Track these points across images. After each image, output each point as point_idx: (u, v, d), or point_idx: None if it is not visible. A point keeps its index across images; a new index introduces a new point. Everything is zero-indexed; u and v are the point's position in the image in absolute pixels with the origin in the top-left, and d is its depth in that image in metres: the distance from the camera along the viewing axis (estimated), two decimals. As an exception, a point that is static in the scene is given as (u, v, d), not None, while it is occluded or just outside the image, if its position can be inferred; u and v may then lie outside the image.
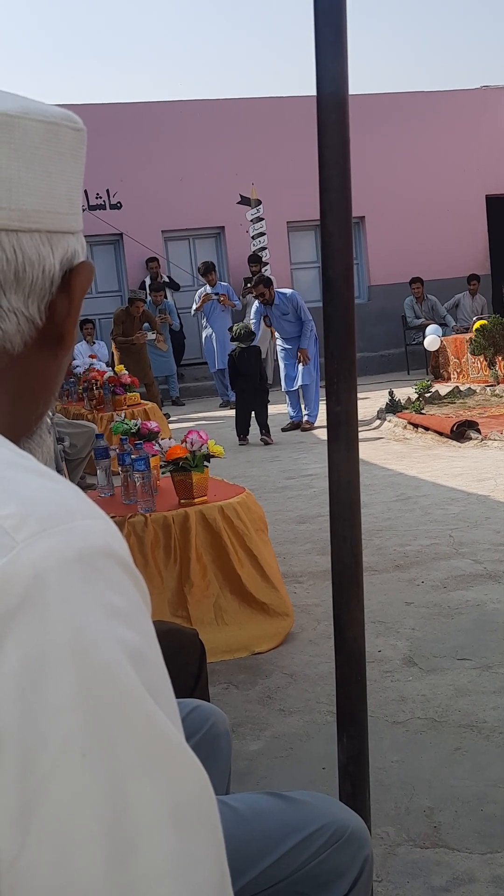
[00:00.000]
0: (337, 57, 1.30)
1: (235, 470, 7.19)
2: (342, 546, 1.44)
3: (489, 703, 2.75)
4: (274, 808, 1.19)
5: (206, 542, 3.44)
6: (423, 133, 15.02)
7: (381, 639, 3.37)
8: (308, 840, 1.15)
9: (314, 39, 1.30)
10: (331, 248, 1.37)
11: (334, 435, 1.41)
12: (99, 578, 0.52)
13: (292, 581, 4.13)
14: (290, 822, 1.17)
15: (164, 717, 0.52)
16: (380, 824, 2.15)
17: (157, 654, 0.55)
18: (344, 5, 1.28)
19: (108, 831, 0.48)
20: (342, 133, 1.33)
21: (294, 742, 2.63)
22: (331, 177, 1.34)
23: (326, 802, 1.23)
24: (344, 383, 1.39)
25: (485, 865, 1.96)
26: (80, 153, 0.71)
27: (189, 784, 0.53)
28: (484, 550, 4.37)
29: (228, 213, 14.12)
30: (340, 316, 1.38)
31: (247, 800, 1.22)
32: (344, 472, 1.42)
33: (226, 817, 1.18)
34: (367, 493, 5.96)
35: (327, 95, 1.32)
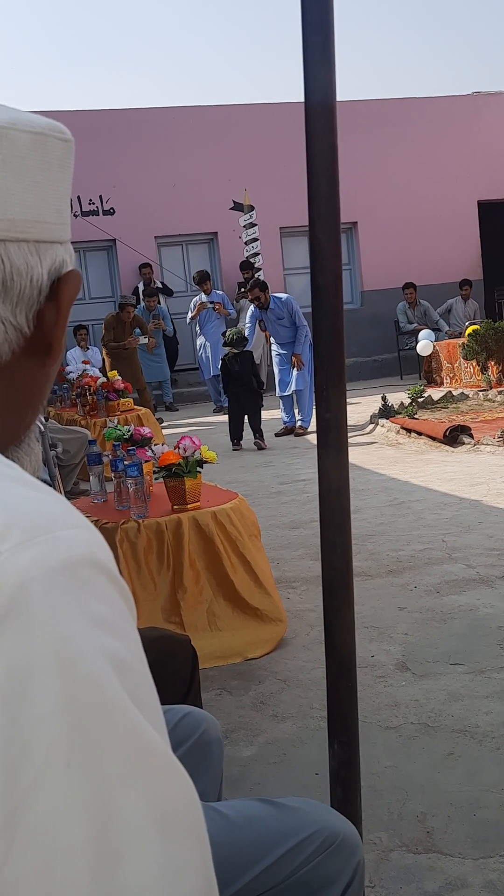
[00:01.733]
0: (325, 65, 1.31)
1: (229, 475, 7.19)
2: (333, 552, 1.44)
3: (482, 707, 2.76)
4: (265, 814, 1.20)
5: (199, 547, 3.43)
6: (416, 139, 15.06)
7: (374, 644, 3.37)
8: (299, 846, 1.16)
9: (302, 48, 1.31)
10: (320, 255, 1.37)
11: (324, 441, 1.42)
12: (83, 588, 0.52)
13: (285, 586, 4.14)
14: (282, 829, 1.17)
15: (149, 726, 0.52)
16: (372, 830, 2.15)
17: (143, 664, 0.55)
18: (331, 14, 1.29)
19: (93, 841, 0.48)
20: (330, 140, 1.34)
21: (287, 748, 2.63)
22: (319, 184, 1.35)
23: (318, 809, 1.23)
24: (333, 389, 1.40)
25: (477, 871, 1.96)
26: (68, 163, 0.71)
27: (174, 793, 0.53)
28: (477, 555, 4.38)
29: (221, 219, 14.14)
30: (330, 322, 1.38)
31: (238, 806, 1.22)
32: (334, 479, 1.43)
33: (217, 824, 1.18)
34: (360, 498, 5.97)
35: (315, 103, 1.33)
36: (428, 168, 15.13)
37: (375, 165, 14.79)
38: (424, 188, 15.10)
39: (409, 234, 15.03)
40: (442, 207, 15.17)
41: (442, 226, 15.18)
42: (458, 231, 15.37)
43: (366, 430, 9.09)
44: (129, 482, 3.49)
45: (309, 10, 1.29)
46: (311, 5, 1.28)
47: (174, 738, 1.45)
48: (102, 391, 7.94)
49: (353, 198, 14.60)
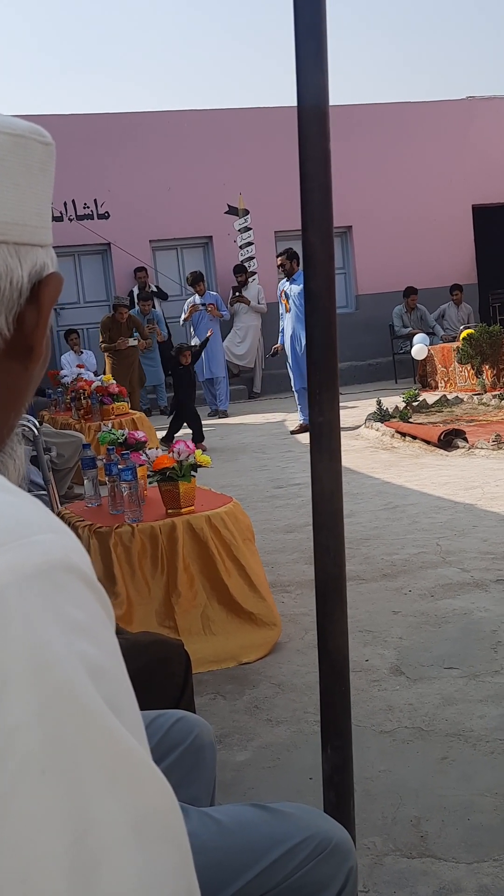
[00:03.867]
0: (318, 70, 1.31)
1: (224, 479, 7.19)
2: (326, 556, 1.44)
3: (476, 711, 2.76)
4: (258, 819, 1.19)
5: (193, 551, 3.43)
6: (410, 143, 15.10)
7: (368, 648, 3.37)
8: (292, 852, 1.15)
9: (295, 53, 1.31)
10: (313, 260, 1.38)
11: (317, 446, 1.42)
12: (58, 593, 0.52)
13: (280, 590, 4.13)
14: (274, 834, 1.17)
15: (127, 732, 0.52)
16: (366, 834, 2.15)
17: (121, 669, 0.55)
18: (324, 20, 1.29)
19: (70, 849, 0.48)
20: (323, 145, 1.34)
21: (281, 752, 2.63)
22: (312, 189, 1.35)
23: (310, 814, 1.23)
24: (326, 394, 1.40)
25: (471, 875, 1.96)
26: (49, 167, 0.71)
27: (153, 799, 0.52)
28: (471, 559, 4.38)
29: (216, 223, 14.16)
30: (323, 327, 1.38)
31: (231, 812, 1.22)
32: (327, 483, 1.43)
33: (210, 829, 1.18)
34: (354, 501, 5.97)
35: (308, 108, 1.33)
36: (422, 172, 15.16)
37: (370, 170, 14.82)
38: (419, 192, 15.13)
39: (403, 238, 15.06)
40: (436, 211, 15.21)
41: (436, 230, 15.21)
42: (452, 235, 15.40)
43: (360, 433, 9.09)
44: (124, 486, 3.49)
45: (302, 16, 1.29)
46: (304, 11, 1.29)
47: (166, 743, 1.45)
48: (97, 395, 7.94)
49: (348, 202, 14.63)
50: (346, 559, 4.67)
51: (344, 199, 14.52)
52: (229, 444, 9.45)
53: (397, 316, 13.84)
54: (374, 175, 14.87)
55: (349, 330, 14.74)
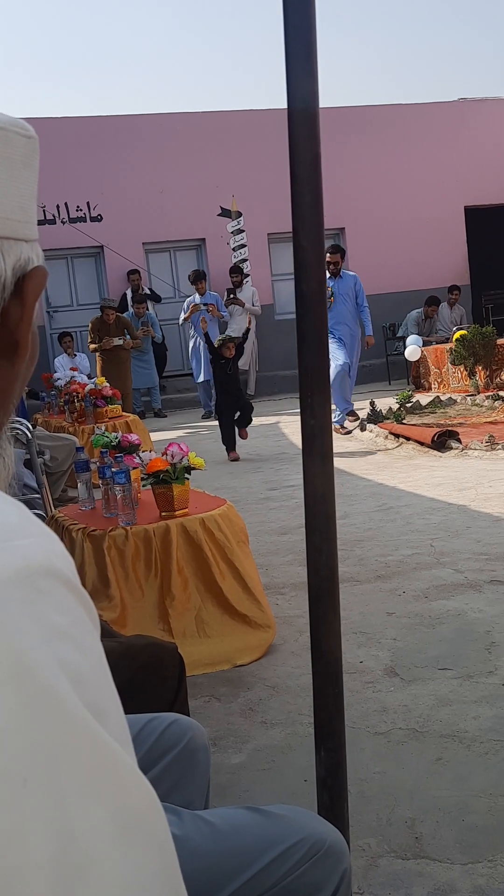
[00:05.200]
0: (307, 74, 1.31)
1: (218, 482, 7.19)
2: (318, 558, 1.44)
3: (470, 712, 2.76)
4: (251, 822, 1.19)
5: (187, 554, 3.43)
6: (403, 145, 15.13)
7: (362, 649, 3.37)
8: (285, 854, 1.15)
9: (284, 57, 1.32)
10: (304, 263, 1.38)
11: (309, 448, 1.42)
12: (40, 598, 0.51)
13: (274, 592, 4.13)
14: (268, 837, 1.17)
15: (110, 738, 0.51)
16: (361, 836, 2.15)
17: (104, 674, 0.54)
18: (313, 24, 1.30)
19: (54, 858, 0.47)
20: (313, 149, 1.34)
21: (276, 754, 2.63)
22: (303, 192, 1.35)
23: (304, 816, 1.23)
24: (318, 397, 1.40)
25: (466, 876, 1.96)
26: (33, 161, 0.71)
27: (137, 805, 0.52)
28: (465, 560, 4.39)
29: (209, 226, 14.17)
30: (314, 331, 1.39)
31: (224, 815, 1.22)
32: (319, 486, 1.43)
33: (203, 832, 1.18)
34: (348, 503, 5.98)
35: (298, 111, 1.33)
36: (415, 174, 15.20)
37: (363, 171, 14.85)
38: (411, 194, 15.16)
39: (396, 239, 15.09)
40: (429, 213, 15.24)
41: (429, 231, 15.24)
42: (445, 236, 15.44)
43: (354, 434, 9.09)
44: (117, 489, 3.49)
45: (291, 21, 1.30)
46: (293, 16, 1.29)
47: (160, 747, 1.45)
48: (90, 398, 7.93)
49: (341, 204, 14.66)
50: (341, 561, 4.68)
51: (337, 201, 14.56)
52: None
53: (412, 321, 13.74)
54: (367, 177, 14.90)
55: (342, 331, 14.74)
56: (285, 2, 1.29)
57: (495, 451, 7.17)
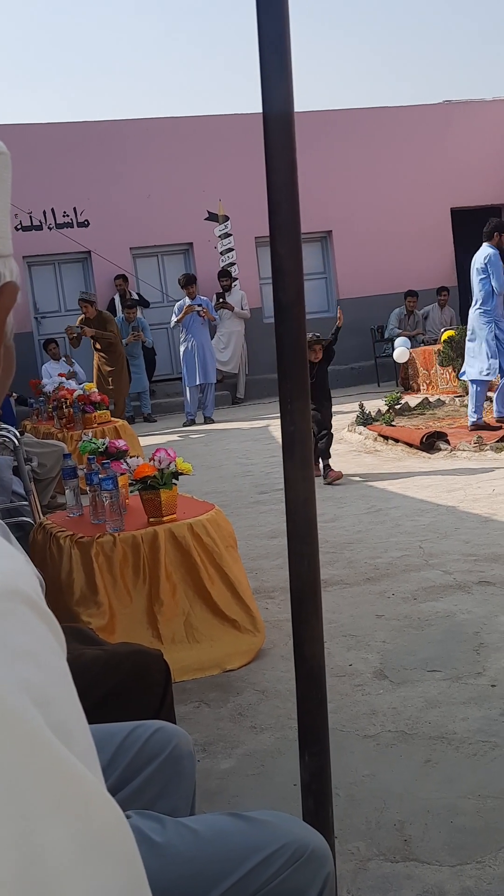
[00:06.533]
0: (282, 81, 1.32)
1: (208, 486, 7.19)
2: (300, 563, 1.45)
3: (459, 714, 2.77)
4: (234, 829, 1.20)
5: (175, 560, 3.43)
6: (389, 148, 15.17)
7: (352, 652, 3.38)
8: (268, 860, 1.16)
9: (259, 64, 1.32)
10: (282, 270, 1.38)
11: (289, 454, 1.42)
12: (2, 620, 0.52)
13: (264, 596, 4.14)
14: (251, 843, 1.17)
15: (74, 759, 0.52)
16: (350, 839, 2.15)
17: (70, 694, 0.55)
18: (287, 33, 1.30)
19: (19, 878, 0.47)
20: (289, 156, 1.35)
21: (265, 759, 2.63)
22: (279, 200, 1.36)
23: (287, 822, 1.23)
24: (297, 403, 1.41)
25: (454, 878, 1.97)
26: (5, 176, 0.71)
27: (102, 824, 0.52)
28: (453, 561, 4.40)
29: (196, 230, 14.17)
30: (293, 338, 1.39)
31: (208, 821, 1.22)
32: (300, 491, 1.44)
33: (186, 839, 1.19)
34: (338, 506, 5.99)
35: (273, 119, 1.34)
36: (401, 176, 15.24)
37: (349, 174, 14.88)
38: (398, 196, 15.20)
39: (383, 242, 15.12)
40: (416, 215, 15.28)
41: (416, 233, 15.28)
42: (432, 238, 15.48)
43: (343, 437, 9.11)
44: (105, 495, 3.48)
45: (265, 29, 1.30)
46: (267, 25, 1.30)
47: (145, 754, 1.45)
48: (79, 404, 7.93)
49: (328, 207, 14.68)
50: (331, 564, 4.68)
51: (324, 204, 14.58)
52: (213, 450, 9.46)
53: (395, 317, 13.82)
54: (354, 180, 14.93)
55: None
56: (259, 10, 1.29)
57: (483, 452, 7.19)
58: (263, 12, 1.30)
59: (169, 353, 14.31)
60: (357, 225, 14.99)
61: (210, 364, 12.09)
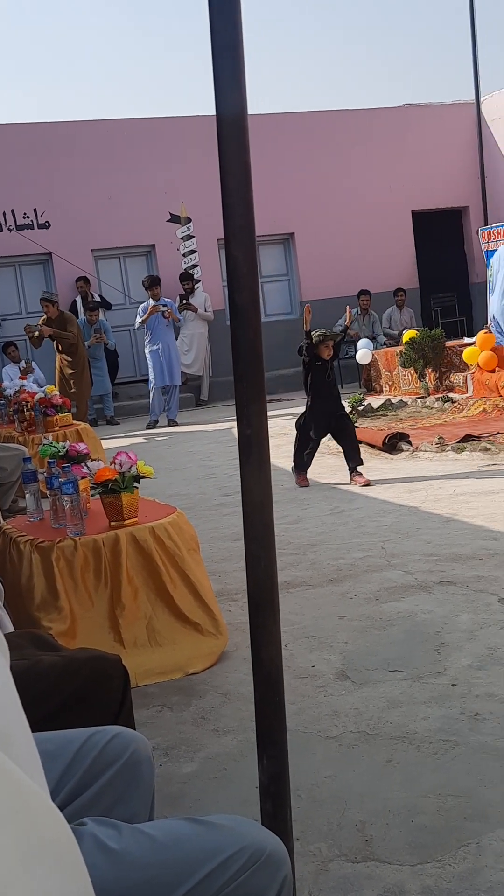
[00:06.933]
0: (235, 86, 1.32)
1: (171, 488, 7.17)
2: (257, 567, 1.45)
3: (420, 713, 2.79)
4: (191, 833, 1.19)
5: (137, 563, 3.42)
6: (350, 150, 15.25)
7: (314, 654, 3.39)
8: (225, 864, 1.16)
9: (212, 69, 1.32)
10: (236, 273, 1.38)
11: (246, 458, 1.42)
12: None
13: (227, 599, 4.13)
14: (208, 848, 1.17)
15: (14, 766, 0.51)
16: (312, 841, 2.16)
17: (11, 699, 0.54)
18: (240, 37, 1.30)
19: None
20: (243, 159, 1.35)
21: (228, 762, 2.62)
22: (234, 204, 1.36)
23: (245, 825, 1.23)
24: (254, 406, 1.41)
25: (415, 877, 1.98)
26: None
27: (44, 832, 0.52)
28: (415, 561, 4.43)
29: (159, 231, 14.13)
30: (248, 341, 1.39)
31: (164, 827, 1.22)
32: (257, 494, 1.44)
33: (142, 846, 1.18)
34: (301, 507, 6.01)
35: (227, 122, 1.34)
36: (363, 179, 15.32)
37: (311, 177, 14.93)
38: (360, 198, 15.29)
39: (345, 244, 15.19)
40: (377, 217, 15.38)
41: (378, 235, 15.38)
42: (393, 240, 15.58)
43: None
44: (65, 499, 3.46)
45: (218, 34, 1.30)
46: (220, 31, 1.30)
47: (103, 760, 1.45)
48: (40, 407, 7.86)
49: (290, 209, 14.73)
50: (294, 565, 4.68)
51: (286, 207, 14.62)
52: (177, 452, 9.44)
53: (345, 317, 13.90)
54: (316, 182, 14.99)
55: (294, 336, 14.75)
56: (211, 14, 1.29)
57: (445, 453, 7.25)
58: (216, 16, 1.30)
59: (132, 356, 14.25)
60: (319, 227, 15.05)
61: (176, 366, 12.06)
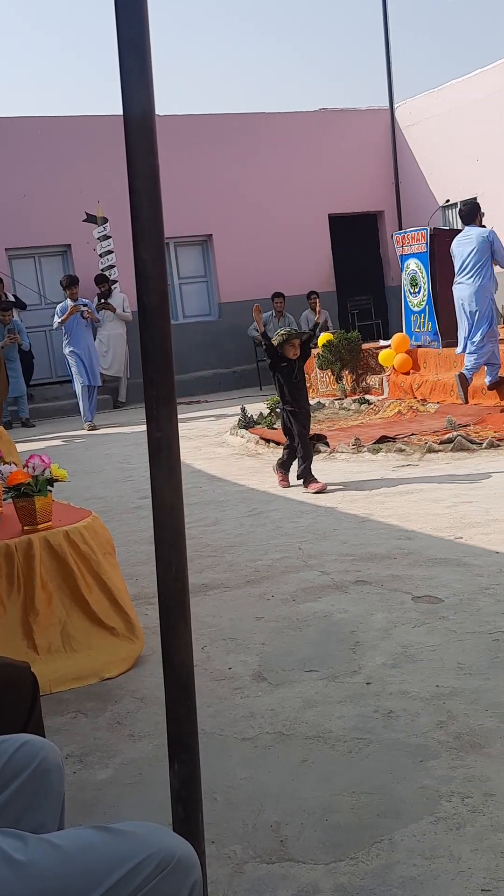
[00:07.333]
0: (142, 86, 1.31)
1: (88, 491, 7.09)
2: (168, 571, 1.44)
3: (335, 712, 2.81)
4: (99, 841, 1.18)
5: (51, 568, 3.36)
6: (268, 153, 15.34)
7: (231, 655, 3.39)
8: (134, 872, 1.15)
9: (119, 67, 1.31)
10: (145, 275, 1.37)
11: (156, 461, 1.41)
12: None
13: (144, 602, 4.10)
14: (116, 856, 1.16)
15: None
16: (227, 843, 2.16)
17: None
18: (147, 37, 1.30)
19: None
20: (151, 161, 1.34)
21: (143, 767, 2.60)
22: (141, 205, 1.35)
23: (154, 831, 1.22)
24: (164, 409, 1.40)
25: (329, 875, 2.00)
26: None
27: None
28: (331, 561, 4.48)
29: (75, 231, 13.96)
30: (157, 343, 1.38)
31: (71, 836, 1.20)
32: (167, 498, 1.43)
33: (49, 856, 1.16)
34: (219, 509, 6.01)
35: (135, 124, 1.33)
36: (280, 182, 15.43)
37: (230, 179, 14.97)
38: (277, 201, 15.39)
39: (264, 246, 15.27)
40: (295, 220, 15.50)
41: (295, 238, 15.50)
42: (311, 243, 15.73)
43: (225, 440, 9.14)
44: (-24, 504, 3.38)
45: (124, 33, 1.29)
46: (126, 29, 1.28)
47: (10, 769, 1.42)
48: (-47, 409, 7.68)
49: (208, 211, 14.73)
50: (211, 567, 4.67)
51: (204, 208, 14.62)
52: (94, 455, 9.34)
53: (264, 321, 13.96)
54: (234, 184, 15.03)
55: (213, 338, 14.83)
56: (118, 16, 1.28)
57: (361, 454, 7.35)
58: (122, 16, 1.29)
59: (48, 357, 14.05)
60: (238, 229, 15.10)
61: (97, 367, 11.93)
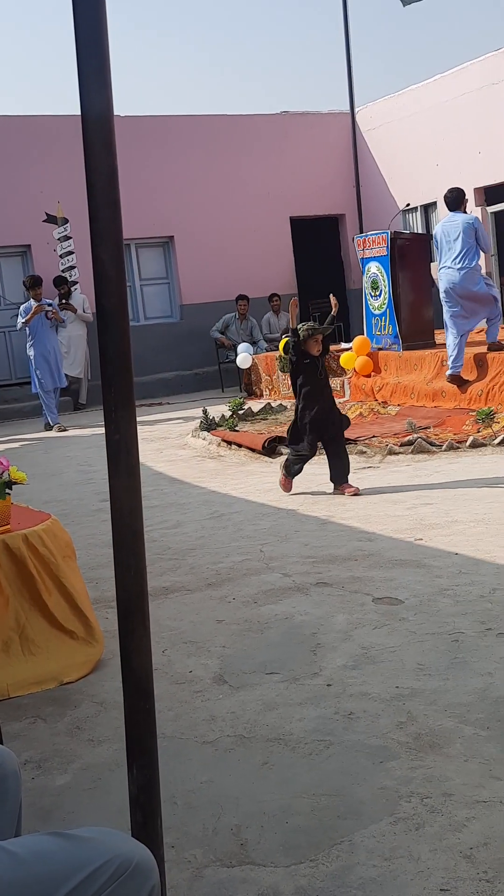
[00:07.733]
0: (100, 86, 1.30)
1: (47, 494, 7.03)
2: (126, 575, 1.43)
3: (295, 714, 2.82)
4: (56, 848, 1.17)
5: (10, 572, 3.33)
6: (230, 155, 15.33)
7: (192, 659, 3.38)
8: (91, 878, 1.14)
9: (77, 70, 1.30)
10: (104, 277, 1.37)
11: (114, 464, 1.41)
12: None
13: (104, 606, 4.08)
14: (73, 862, 1.15)
15: None
16: (187, 848, 2.15)
17: None
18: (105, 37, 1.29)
19: None
20: (109, 161, 1.33)
21: (103, 772, 2.58)
22: (100, 206, 1.34)
23: (112, 837, 1.22)
24: (122, 412, 1.39)
25: (289, 878, 2.00)
26: None
27: None
28: (293, 563, 4.48)
29: (34, 232, 13.82)
30: (116, 345, 1.37)
31: (28, 843, 1.19)
32: (126, 501, 1.42)
33: (4, 864, 1.15)
34: (181, 512, 5.99)
35: (93, 124, 1.32)
36: (242, 184, 15.42)
37: (192, 181, 14.93)
38: (239, 204, 15.38)
39: (225, 248, 15.26)
40: (256, 223, 15.51)
41: (257, 241, 15.51)
42: (272, 246, 15.74)
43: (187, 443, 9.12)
44: None
45: (82, 33, 1.28)
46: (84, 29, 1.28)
47: (-34, 778, 1.40)
48: None
49: (171, 212, 14.69)
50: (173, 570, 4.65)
51: (165, 210, 14.58)
52: (54, 457, 9.26)
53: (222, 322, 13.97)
54: (196, 186, 14.99)
55: (175, 340, 14.78)
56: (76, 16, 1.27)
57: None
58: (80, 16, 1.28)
59: (6, 358, 13.90)
60: (199, 231, 15.07)
61: (61, 368, 11.82)
